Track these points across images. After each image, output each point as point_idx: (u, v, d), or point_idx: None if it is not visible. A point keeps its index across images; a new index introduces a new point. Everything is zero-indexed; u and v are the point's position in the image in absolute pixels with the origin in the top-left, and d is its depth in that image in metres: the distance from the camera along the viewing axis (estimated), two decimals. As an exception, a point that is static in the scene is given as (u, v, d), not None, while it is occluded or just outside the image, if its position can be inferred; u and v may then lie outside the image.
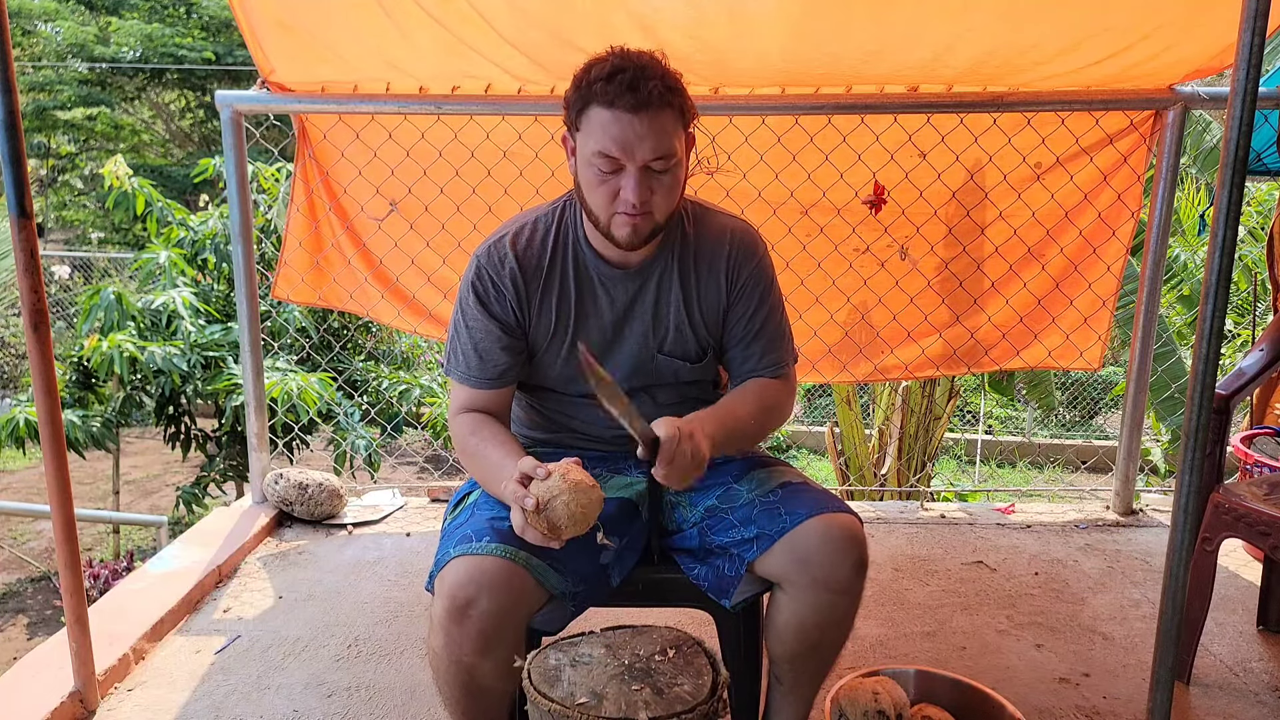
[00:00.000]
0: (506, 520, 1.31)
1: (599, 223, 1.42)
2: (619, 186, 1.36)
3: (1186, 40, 2.29)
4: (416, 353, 5.50)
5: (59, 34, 11.53)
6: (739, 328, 1.56)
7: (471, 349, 1.48)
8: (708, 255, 1.54)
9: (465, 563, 1.27)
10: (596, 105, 1.34)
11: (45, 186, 12.11)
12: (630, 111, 1.32)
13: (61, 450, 1.67)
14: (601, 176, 1.37)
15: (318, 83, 2.55)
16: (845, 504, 1.41)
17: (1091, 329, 2.81)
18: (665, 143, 1.35)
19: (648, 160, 1.35)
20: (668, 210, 1.42)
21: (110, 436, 4.41)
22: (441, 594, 1.26)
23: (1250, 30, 1.20)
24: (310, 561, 2.59)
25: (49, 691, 1.78)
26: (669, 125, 1.35)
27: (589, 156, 1.37)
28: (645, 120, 1.32)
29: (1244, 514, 1.86)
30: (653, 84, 1.32)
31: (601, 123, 1.33)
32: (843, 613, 1.37)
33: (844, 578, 1.33)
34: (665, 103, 1.34)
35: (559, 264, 1.51)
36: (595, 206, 1.41)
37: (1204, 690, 1.96)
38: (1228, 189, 1.24)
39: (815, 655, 1.43)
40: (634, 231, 1.40)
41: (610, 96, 1.32)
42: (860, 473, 4.67)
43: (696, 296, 1.54)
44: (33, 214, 1.62)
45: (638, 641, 1.42)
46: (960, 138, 2.62)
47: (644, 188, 1.36)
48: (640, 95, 1.31)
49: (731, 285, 1.55)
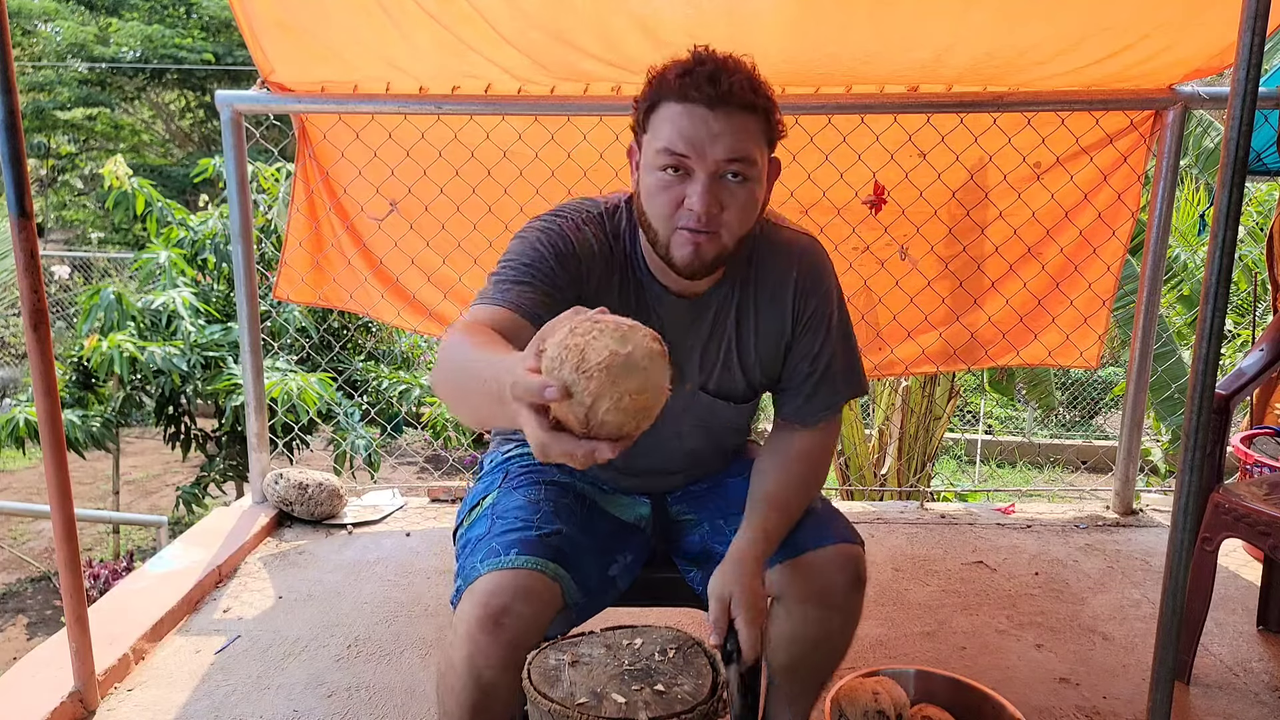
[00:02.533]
0: (533, 529, 1.25)
1: (657, 239, 1.23)
2: (684, 195, 1.18)
3: (1186, 40, 2.29)
4: (416, 353, 5.50)
5: (59, 34, 11.52)
6: (802, 366, 1.39)
7: (519, 280, 1.22)
8: (771, 285, 1.35)
9: (497, 576, 1.19)
10: (668, 100, 1.18)
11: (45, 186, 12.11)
12: (706, 106, 1.15)
13: (61, 450, 1.67)
14: (665, 181, 1.19)
15: (317, 83, 2.55)
16: (844, 529, 1.36)
17: (1090, 328, 2.81)
18: (743, 145, 1.17)
19: (721, 163, 1.16)
20: (738, 233, 1.22)
21: (110, 436, 4.41)
22: (473, 603, 1.17)
23: (1250, 30, 1.20)
24: (310, 561, 2.59)
25: (49, 691, 1.78)
26: (751, 130, 1.18)
27: (653, 157, 1.19)
28: (722, 117, 1.15)
29: (1244, 514, 1.86)
30: (736, 79, 1.16)
31: (671, 116, 1.17)
32: (839, 629, 1.35)
33: (840, 594, 1.32)
34: (748, 104, 1.17)
35: (615, 276, 1.32)
36: (655, 218, 1.22)
37: (1204, 690, 1.96)
38: (1228, 189, 1.23)
39: (812, 669, 1.41)
40: (696, 254, 1.20)
41: (685, 89, 1.16)
42: (860, 472, 4.66)
43: (754, 333, 1.36)
44: (33, 214, 1.62)
45: (638, 641, 1.43)
46: (960, 138, 2.62)
47: (713, 198, 1.17)
48: (720, 89, 1.15)
49: (796, 320, 1.37)
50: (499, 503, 1.36)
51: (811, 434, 1.41)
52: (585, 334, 0.79)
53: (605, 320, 0.81)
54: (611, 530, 1.43)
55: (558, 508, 1.35)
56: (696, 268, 1.23)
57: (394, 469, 6.70)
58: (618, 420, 0.79)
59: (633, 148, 1.28)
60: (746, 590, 1.23)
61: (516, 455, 1.52)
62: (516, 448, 1.54)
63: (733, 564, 1.26)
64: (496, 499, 1.38)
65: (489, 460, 1.58)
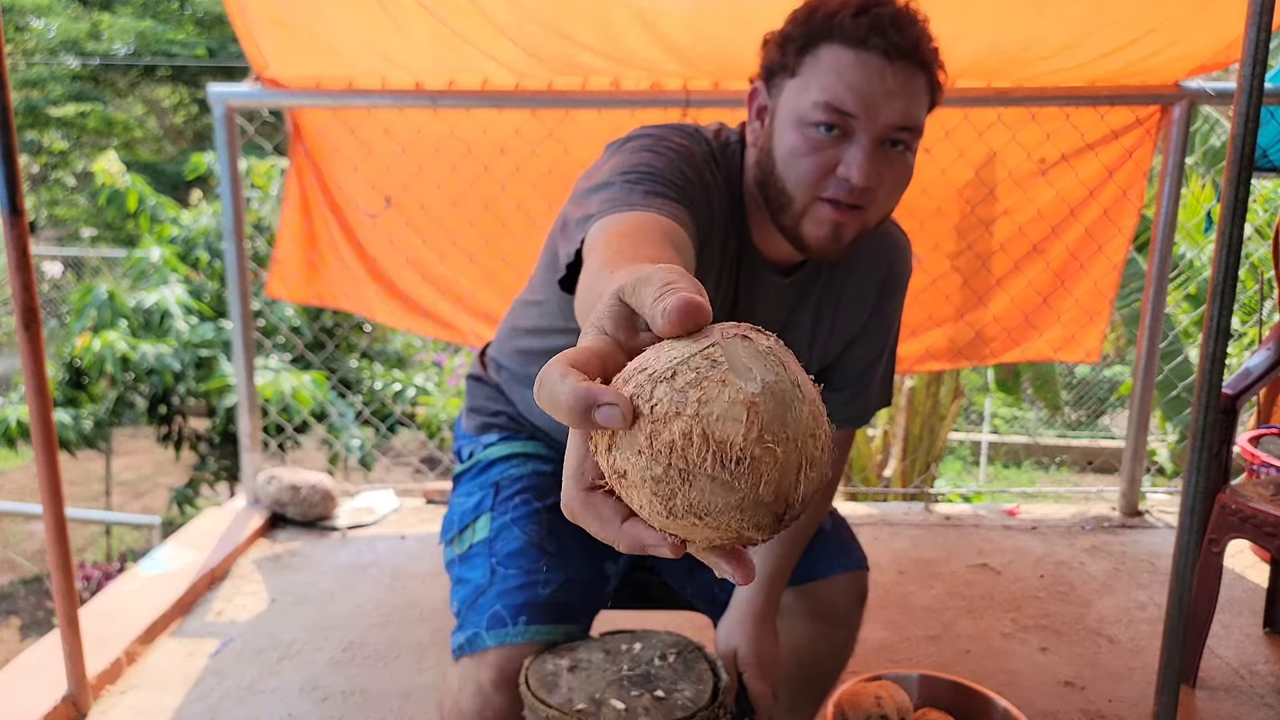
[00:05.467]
0: (539, 585, 1.15)
1: (788, 210, 1.03)
2: (837, 159, 0.99)
3: (1192, 35, 2.27)
4: (411, 351, 5.47)
5: (51, 30, 11.46)
6: (852, 370, 1.27)
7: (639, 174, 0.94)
8: (860, 275, 1.20)
9: (509, 650, 1.12)
10: (834, 43, 0.98)
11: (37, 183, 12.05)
12: (884, 57, 0.97)
13: (53, 450, 1.64)
14: (817, 141, 0.99)
15: (312, 78, 2.52)
16: (855, 556, 1.32)
17: (1093, 322, 2.79)
18: (918, 109, 1.00)
19: (892, 127, 0.99)
20: (885, 211, 1.06)
21: (102, 436, 4.38)
22: (484, 666, 1.12)
23: (1256, 26, 1.18)
24: (304, 564, 2.55)
25: (41, 694, 1.75)
26: (923, 91, 1.02)
27: (806, 110, 0.99)
28: (901, 73, 0.98)
29: (1251, 515, 1.84)
30: (921, 29, 0.99)
31: (839, 65, 0.97)
32: (840, 644, 1.34)
33: (841, 610, 1.30)
34: (927, 65, 1.01)
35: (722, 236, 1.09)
36: (793, 184, 1.02)
37: (1210, 693, 1.93)
38: (1234, 186, 1.22)
39: (812, 681, 1.39)
40: (835, 232, 1.03)
41: (861, 33, 0.97)
42: (864, 474, 4.64)
43: (831, 324, 1.21)
44: (25, 211, 1.59)
45: (637, 646, 1.40)
46: (964, 133, 2.59)
47: (874, 167, 0.99)
48: (906, 39, 0.97)
49: (868, 322, 1.24)
50: (496, 540, 1.23)
51: (840, 437, 1.34)
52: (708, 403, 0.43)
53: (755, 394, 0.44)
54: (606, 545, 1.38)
55: (560, 544, 1.23)
56: (831, 248, 1.05)
57: (388, 469, 6.66)
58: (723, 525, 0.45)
59: (759, 89, 1.08)
60: (754, 645, 1.18)
61: (499, 458, 1.34)
62: (500, 447, 1.35)
63: (739, 615, 1.20)
64: (492, 533, 1.25)
65: (466, 451, 1.41)
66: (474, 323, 2.78)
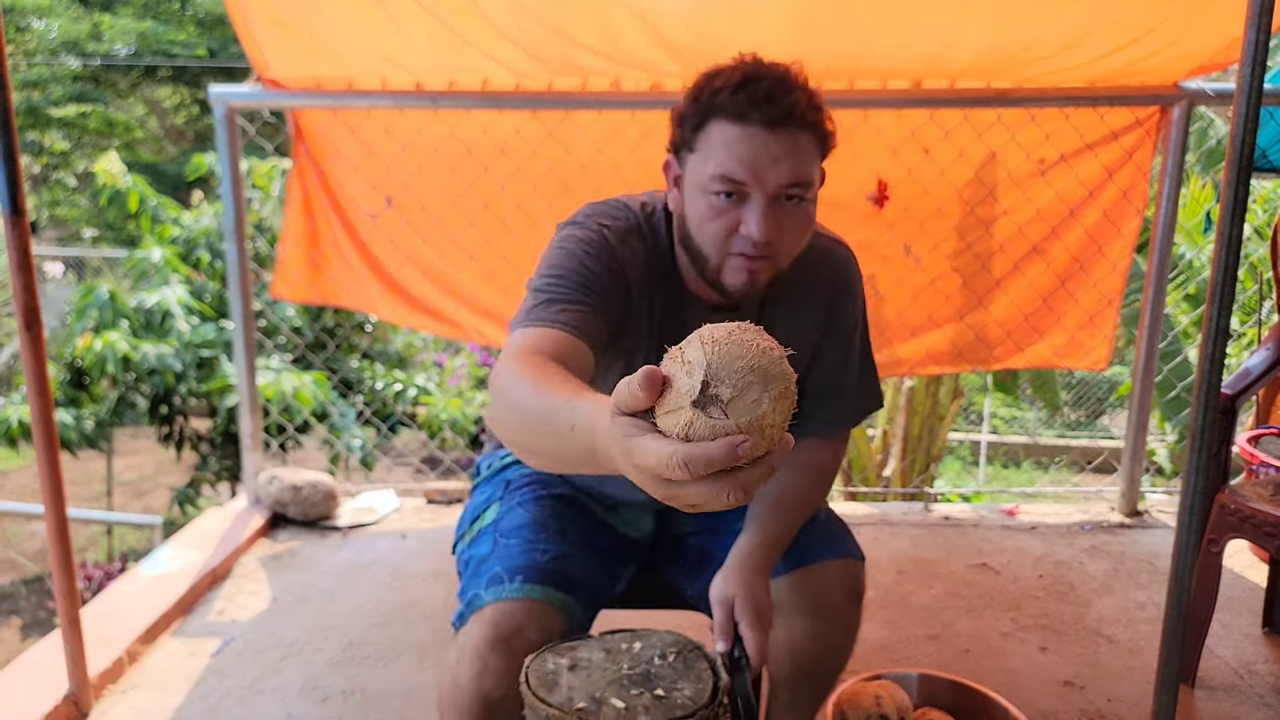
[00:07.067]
0: (538, 553, 1.21)
1: (707, 265, 1.18)
2: (738, 220, 1.13)
3: (1191, 35, 2.27)
4: (412, 352, 5.48)
5: (52, 31, 11.47)
6: (825, 376, 1.36)
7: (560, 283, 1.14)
8: (804, 290, 1.32)
9: (504, 605, 1.16)
10: (722, 119, 1.11)
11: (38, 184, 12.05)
12: (766, 128, 1.09)
13: (55, 451, 1.65)
14: (719, 208, 1.13)
15: (312, 78, 2.52)
16: (848, 545, 1.34)
17: (1097, 327, 2.79)
18: (804, 167, 1.12)
19: (782, 187, 1.12)
20: (793, 255, 1.19)
21: (103, 436, 4.39)
22: (480, 624, 1.15)
23: (1256, 26, 1.19)
24: (305, 563, 2.56)
25: (43, 694, 1.76)
26: (810, 149, 1.13)
27: (705, 182, 1.13)
28: (784, 139, 1.10)
29: (1250, 515, 1.84)
30: (796, 95, 1.10)
31: (727, 140, 1.10)
32: (839, 642, 1.34)
33: (838, 607, 1.30)
34: (808, 122, 1.12)
35: (656, 291, 1.26)
36: (706, 244, 1.16)
37: (1209, 693, 1.94)
38: (1233, 186, 1.22)
39: (811, 680, 1.40)
40: (750, 280, 1.16)
41: (741, 108, 1.09)
42: (864, 474, 4.64)
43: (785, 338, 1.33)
44: (26, 211, 1.60)
45: (637, 645, 1.40)
46: (964, 133, 2.59)
47: (771, 222, 1.12)
48: (781, 108, 1.09)
49: (826, 328, 1.34)
50: (502, 520, 1.32)
51: (824, 444, 1.38)
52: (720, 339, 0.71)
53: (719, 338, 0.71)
54: (613, 545, 1.40)
55: (563, 525, 1.32)
56: (751, 292, 1.19)
57: (389, 469, 6.67)
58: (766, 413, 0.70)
59: (671, 163, 1.21)
60: (750, 594, 1.21)
61: (514, 462, 1.47)
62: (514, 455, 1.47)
63: (736, 567, 1.23)
64: (499, 514, 1.34)
65: (485, 464, 1.54)
66: (475, 319, 2.78)
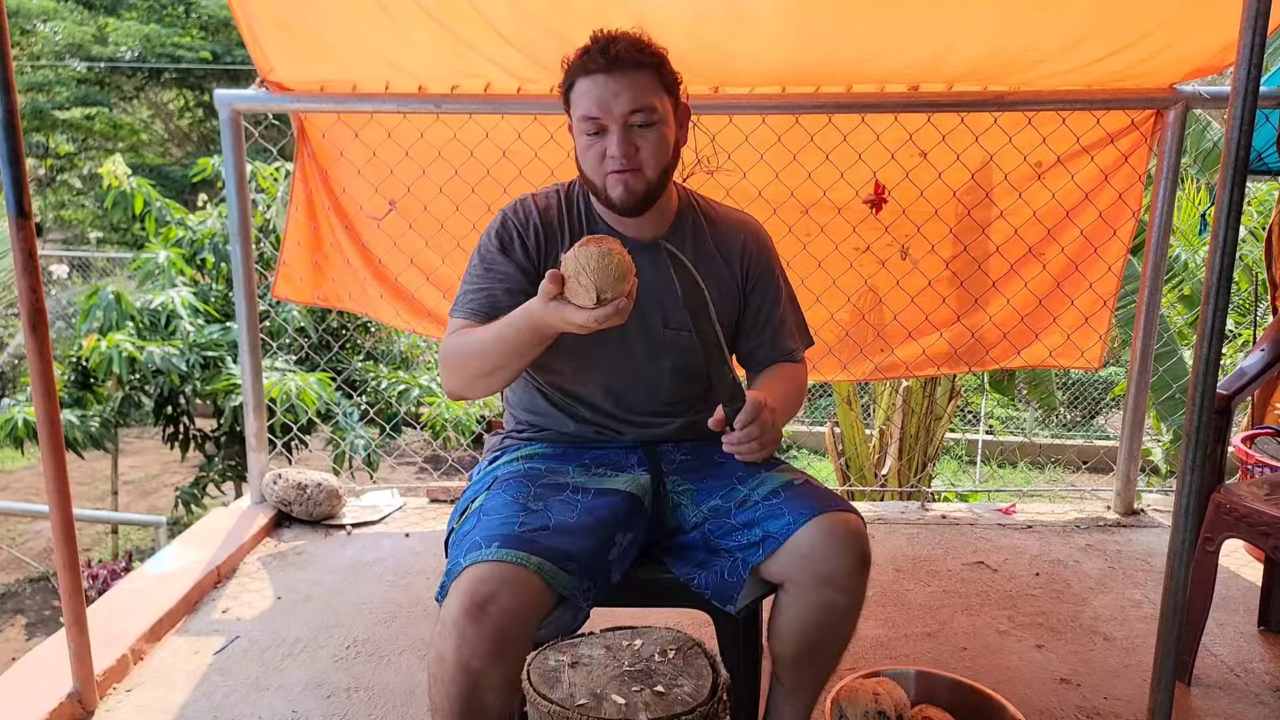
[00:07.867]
0: (515, 524, 1.30)
1: (597, 190, 1.48)
2: (605, 147, 1.43)
3: (1187, 38, 2.29)
4: (415, 352, 5.49)
5: (57, 34, 11.51)
6: (758, 315, 1.62)
7: (480, 288, 1.50)
8: (724, 241, 1.60)
9: (478, 568, 1.22)
10: (578, 78, 1.44)
11: (44, 186, 12.10)
12: (604, 72, 1.40)
13: (60, 451, 1.66)
14: (589, 141, 1.44)
15: (316, 82, 2.54)
16: (848, 503, 1.40)
17: (1092, 328, 2.80)
18: (642, 97, 1.41)
19: (627, 114, 1.41)
20: (658, 166, 1.46)
21: (109, 436, 4.41)
22: (458, 592, 1.20)
23: (1251, 29, 1.19)
24: (309, 562, 2.58)
25: (48, 692, 1.77)
26: (645, 83, 1.42)
27: (578, 125, 1.45)
28: (619, 78, 1.40)
29: (1245, 514, 1.86)
30: (621, 45, 1.41)
31: (581, 90, 1.43)
32: (844, 612, 1.35)
33: (845, 574, 1.32)
34: (637, 62, 1.42)
35: (574, 233, 1.55)
36: (590, 172, 1.47)
37: (1205, 691, 1.95)
38: (1229, 188, 1.23)
39: (817, 657, 1.41)
40: (626, 189, 1.45)
41: (586, 64, 1.42)
42: (861, 473, 4.66)
43: (713, 279, 1.57)
44: (31, 214, 1.62)
45: (638, 642, 1.42)
46: (961, 137, 2.61)
47: (628, 143, 1.42)
48: (610, 55, 1.40)
49: (747, 276, 1.61)
50: (487, 503, 1.41)
51: (788, 365, 1.65)
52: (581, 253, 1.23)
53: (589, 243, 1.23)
54: (610, 510, 1.42)
55: (548, 503, 1.38)
56: (631, 202, 1.46)
57: (393, 469, 6.69)
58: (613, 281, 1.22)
59: (570, 125, 1.50)
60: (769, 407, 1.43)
61: (505, 463, 1.56)
62: (505, 456, 1.59)
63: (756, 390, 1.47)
64: (485, 501, 1.43)
65: (478, 471, 1.62)
66: (476, 323, 2.80)
